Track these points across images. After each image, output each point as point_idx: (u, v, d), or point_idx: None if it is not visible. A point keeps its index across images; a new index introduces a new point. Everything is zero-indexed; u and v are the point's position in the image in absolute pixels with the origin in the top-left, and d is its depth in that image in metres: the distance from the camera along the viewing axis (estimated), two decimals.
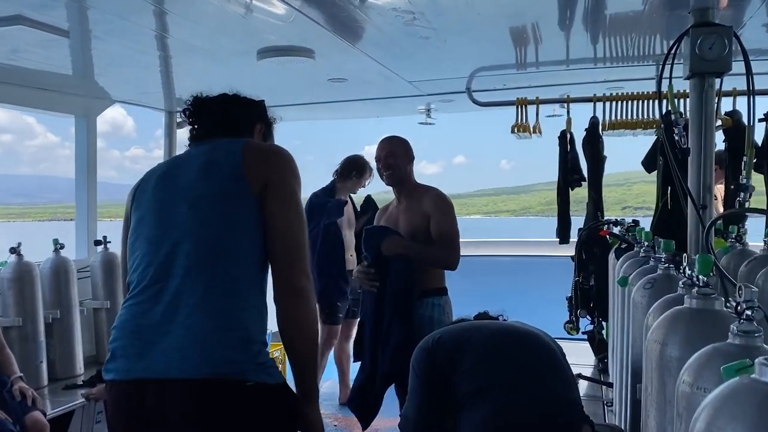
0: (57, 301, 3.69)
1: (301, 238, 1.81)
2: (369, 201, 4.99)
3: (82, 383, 3.55)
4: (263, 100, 2.13)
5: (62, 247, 3.77)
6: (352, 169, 4.72)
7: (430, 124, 5.24)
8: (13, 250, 3.49)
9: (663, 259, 2.02)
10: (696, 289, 1.37)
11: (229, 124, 1.97)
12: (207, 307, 1.70)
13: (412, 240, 3.25)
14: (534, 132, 4.26)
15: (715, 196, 3.26)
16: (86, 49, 3.18)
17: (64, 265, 3.74)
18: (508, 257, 6.36)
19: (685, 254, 1.66)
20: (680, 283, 1.57)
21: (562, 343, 4.05)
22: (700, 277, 1.38)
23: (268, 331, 1.82)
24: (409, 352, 2.29)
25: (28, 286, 3.49)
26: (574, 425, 2.03)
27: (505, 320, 2.43)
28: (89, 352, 3.98)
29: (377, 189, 4.72)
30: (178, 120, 5.05)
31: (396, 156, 3.34)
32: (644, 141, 4.03)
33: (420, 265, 3.19)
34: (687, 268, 1.54)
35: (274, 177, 1.79)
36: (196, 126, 2.00)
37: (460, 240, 3.26)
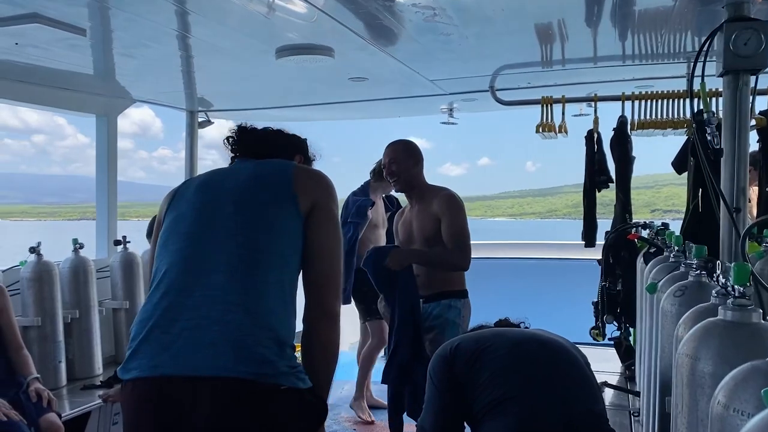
0: (76, 301, 3.69)
1: (339, 263, 1.87)
2: (392, 200, 4.91)
3: (100, 383, 3.54)
4: (306, 138, 2.22)
5: (81, 246, 3.77)
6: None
7: (452, 123, 5.16)
8: (33, 250, 3.49)
9: (694, 266, 1.91)
10: (731, 299, 1.27)
11: (272, 150, 2.05)
12: (246, 306, 1.69)
13: (426, 244, 3.22)
14: (560, 131, 4.16)
15: (749, 198, 3.14)
16: (107, 49, 3.18)
17: (84, 265, 3.74)
18: (533, 260, 6.24)
19: (718, 261, 1.56)
20: (713, 292, 1.48)
21: (587, 349, 3.95)
22: (736, 287, 1.28)
23: None
24: (415, 367, 2.24)
25: (48, 286, 3.48)
26: None
27: (526, 327, 2.34)
28: (108, 353, 3.98)
29: None
30: (200, 120, 5.05)
31: (398, 162, 3.33)
32: (674, 141, 3.92)
33: (431, 269, 3.18)
34: (721, 276, 1.45)
35: (321, 201, 1.86)
36: (238, 152, 2.07)
37: (482, 242, 3.21)
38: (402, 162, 3.33)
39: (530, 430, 1.91)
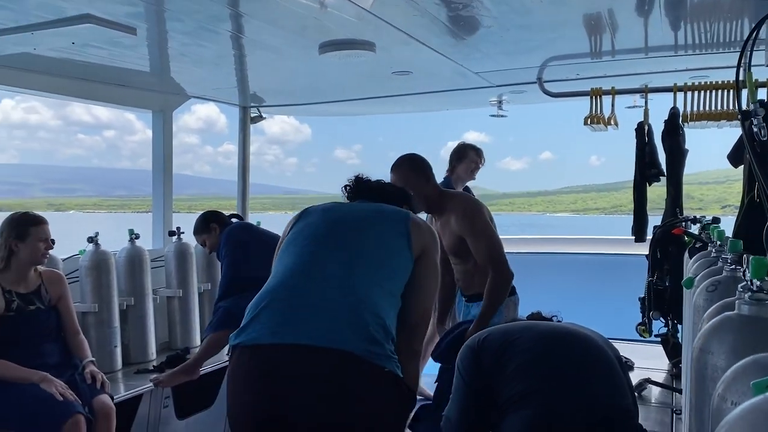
0: (131, 288, 3.83)
1: (432, 305, 2.17)
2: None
3: (153, 368, 3.67)
4: (412, 194, 2.49)
5: (137, 237, 3.92)
6: (453, 157, 4.54)
7: (502, 116, 5.11)
8: (91, 240, 3.65)
9: (729, 260, 1.86)
10: (749, 294, 1.25)
11: (384, 197, 2.30)
12: (360, 295, 1.89)
13: (457, 258, 3.16)
14: (609, 124, 4.08)
15: None
16: (162, 48, 3.30)
17: (139, 255, 3.89)
18: (582, 255, 6.14)
19: (747, 256, 1.52)
20: (739, 287, 1.44)
21: (634, 346, 3.90)
22: (754, 281, 1.25)
23: None
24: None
25: (105, 274, 3.63)
26: None
27: (559, 321, 2.32)
28: (161, 339, 4.12)
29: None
30: (252, 115, 5.17)
31: (411, 185, 2.92)
32: (735, 134, 3.78)
33: (472, 274, 3.16)
34: (747, 271, 1.41)
35: (430, 250, 2.10)
36: (354, 197, 2.34)
37: (531, 237, 3.17)
38: (414, 183, 2.98)
39: (551, 423, 1.91)
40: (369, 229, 2.09)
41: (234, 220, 3.90)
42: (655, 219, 3.93)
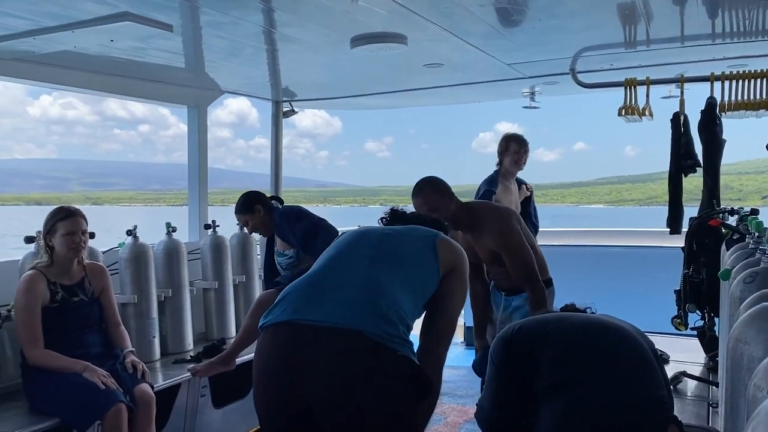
0: (169, 280, 3.91)
1: (458, 316, 2.20)
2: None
3: (190, 358, 3.75)
4: (447, 224, 2.60)
5: (174, 230, 3.99)
6: (498, 151, 4.52)
7: (534, 107, 5.08)
8: (129, 233, 3.73)
9: (767, 251, 1.84)
10: None
11: (419, 224, 2.40)
12: (382, 284, 1.99)
13: (494, 263, 3.23)
14: (644, 114, 4.03)
15: None
16: (197, 44, 3.35)
17: (176, 247, 3.96)
18: (616, 247, 6.06)
19: None
20: None
21: (670, 339, 3.86)
22: None
23: None
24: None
25: (143, 267, 3.72)
26: (659, 426, 1.90)
27: (593, 313, 2.31)
28: (198, 330, 4.19)
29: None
30: (285, 109, 5.22)
31: (436, 208, 3.01)
32: None
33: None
34: None
35: (459, 267, 2.19)
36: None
37: (565, 229, 3.16)
38: (439, 203, 3.04)
39: (584, 415, 1.90)
40: (400, 237, 2.23)
41: (274, 202, 3.91)
42: (691, 210, 3.87)
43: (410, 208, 2.58)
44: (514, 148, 4.43)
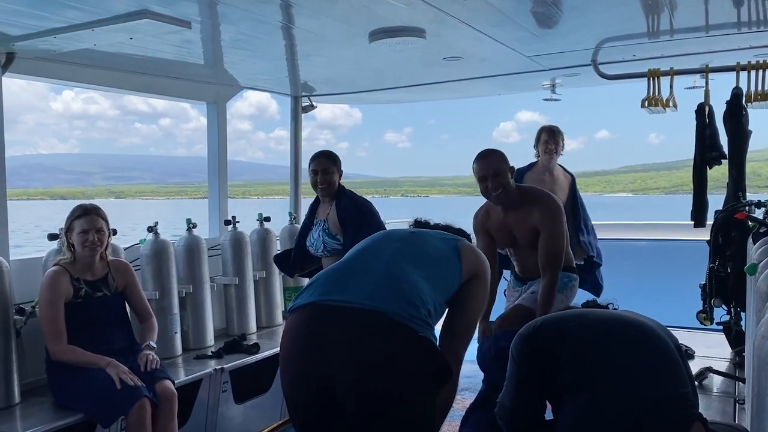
0: (190, 276, 3.92)
1: (478, 320, 2.26)
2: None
3: (211, 354, 3.77)
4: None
5: (195, 226, 4.01)
6: (534, 143, 4.58)
7: (555, 100, 5.02)
8: (151, 229, 3.76)
9: None
10: None
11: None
12: (406, 273, 2.05)
13: (528, 246, 3.23)
14: (668, 106, 3.96)
15: None
16: (216, 41, 3.35)
17: (196, 244, 3.97)
18: (640, 241, 5.98)
19: None
20: None
21: (695, 334, 3.80)
22: None
23: None
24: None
25: (165, 263, 3.74)
26: (683, 423, 1.86)
27: (615, 309, 2.28)
28: (219, 326, 4.22)
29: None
30: (304, 104, 5.21)
31: (502, 175, 3.16)
32: None
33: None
34: None
35: (482, 273, 2.24)
36: None
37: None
38: (505, 174, 3.17)
39: (606, 413, 1.88)
40: (425, 237, 2.31)
41: None
42: (717, 200, 3.80)
43: (433, 218, 2.63)
44: (543, 138, 4.48)
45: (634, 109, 3.98)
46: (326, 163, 3.62)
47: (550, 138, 4.46)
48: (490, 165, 3.16)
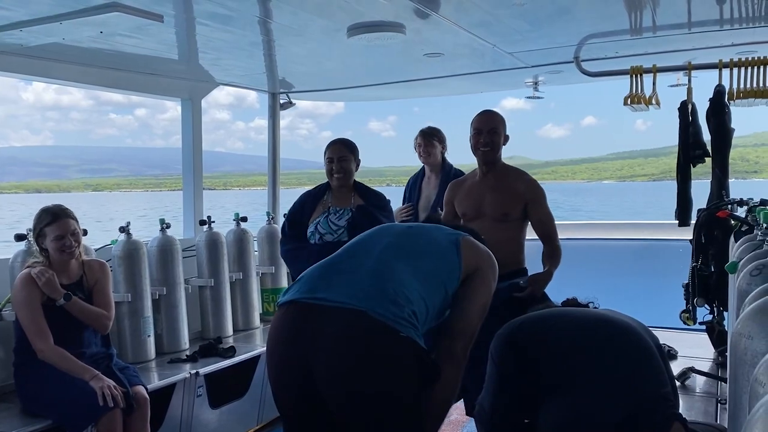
0: (163, 278, 3.81)
1: (479, 319, 2.14)
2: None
3: (186, 357, 3.67)
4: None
5: (168, 226, 3.90)
6: None
7: (538, 98, 4.97)
8: (123, 230, 3.64)
9: None
10: None
11: None
12: (395, 269, 2.03)
13: (499, 220, 3.19)
14: (651, 103, 3.93)
15: None
16: (190, 35, 3.25)
17: (170, 244, 3.86)
18: (623, 240, 5.96)
19: None
20: None
21: (678, 334, 3.78)
22: None
23: None
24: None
25: (137, 264, 3.63)
26: (663, 424, 1.83)
27: (595, 308, 2.23)
28: (194, 329, 4.11)
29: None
30: (282, 101, 5.11)
31: (498, 134, 3.26)
32: None
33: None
34: None
35: (483, 268, 2.19)
36: None
37: (564, 222, 3.11)
38: (499, 135, 3.26)
39: (586, 413, 1.84)
40: (422, 231, 2.29)
41: None
42: (703, 185, 3.78)
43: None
44: (417, 141, 4.31)
45: (620, 95, 3.95)
46: (343, 150, 3.45)
47: (421, 139, 4.26)
48: (490, 121, 3.26)
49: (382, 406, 1.87)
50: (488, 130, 3.22)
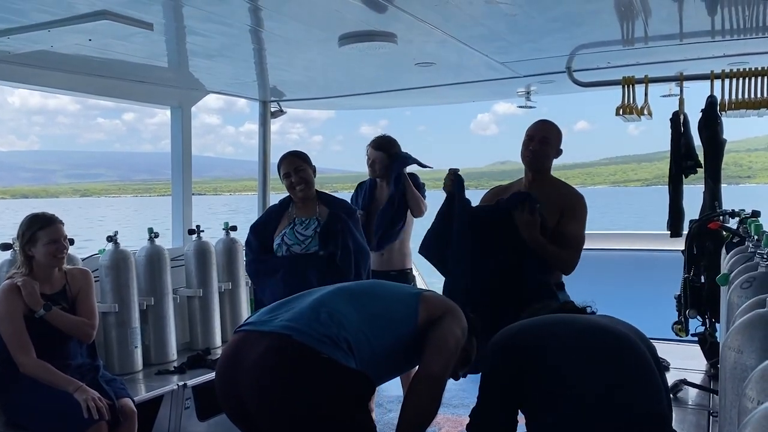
0: (151, 288, 3.77)
1: (454, 339, 2.16)
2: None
3: (174, 369, 3.63)
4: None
5: (157, 236, 3.86)
6: None
7: (530, 107, 4.97)
8: (110, 239, 3.60)
9: (766, 256, 1.75)
10: None
11: None
12: (335, 301, 2.11)
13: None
14: (642, 114, 3.93)
15: None
16: (180, 43, 3.22)
17: (158, 254, 3.82)
18: (615, 251, 5.94)
19: None
20: None
21: (670, 346, 3.77)
22: None
23: None
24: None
25: (124, 274, 3.58)
26: None
27: (593, 312, 2.20)
28: (182, 339, 4.06)
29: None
30: (273, 109, 5.08)
31: (548, 144, 3.14)
32: None
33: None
34: None
35: (448, 313, 2.22)
36: None
37: None
38: (551, 144, 3.16)
39: (581, 427, 1.81)
40: (383, 284, 2.46)
41: None
42: (695, 191, 3.77)
43: None
44: (367, 152, 4.14)
45: (612, 101, 3.94)
46: (297, 161, 3.38)
47: (371, 149, 4.10)
48: (542, 129, 3.17)
49: (302, 424, 1.91)
50: (539, 138, 3.13)
